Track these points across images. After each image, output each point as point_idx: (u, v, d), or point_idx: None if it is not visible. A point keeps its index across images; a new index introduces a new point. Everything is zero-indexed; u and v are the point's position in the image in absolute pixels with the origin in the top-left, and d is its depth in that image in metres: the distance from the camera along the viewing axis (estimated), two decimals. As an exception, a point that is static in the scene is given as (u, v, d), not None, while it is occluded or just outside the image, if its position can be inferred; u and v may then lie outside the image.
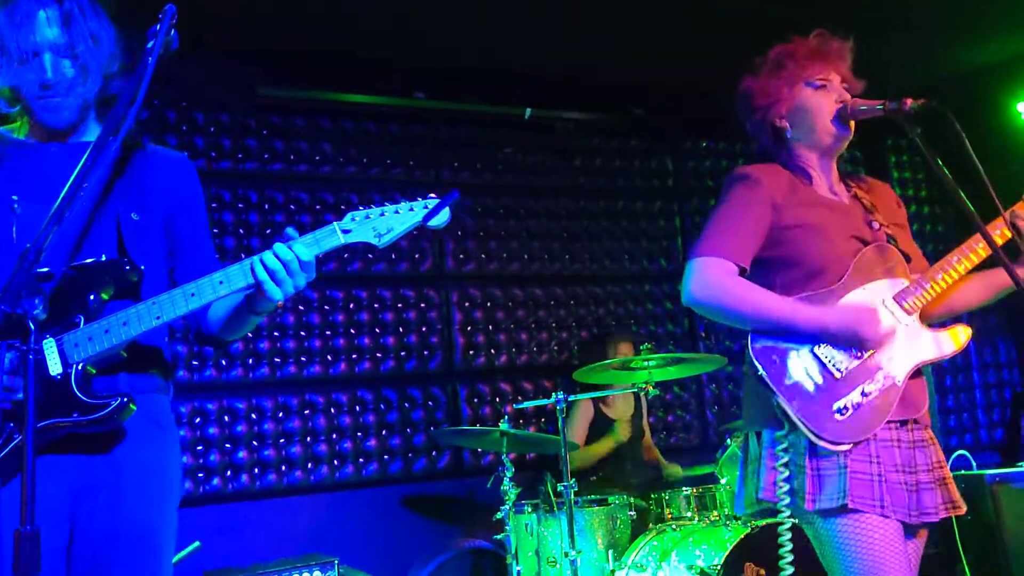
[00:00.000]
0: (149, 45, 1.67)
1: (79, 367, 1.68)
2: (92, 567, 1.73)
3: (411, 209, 1.77)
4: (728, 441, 3.98)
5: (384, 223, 1.76)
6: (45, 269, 1.71)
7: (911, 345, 2.17)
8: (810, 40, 2.35)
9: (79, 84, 1.81)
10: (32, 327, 1.30)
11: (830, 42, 2.35)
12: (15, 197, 1.78)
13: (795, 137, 2.33)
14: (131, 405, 1.69)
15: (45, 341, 1.67)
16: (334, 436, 4.55)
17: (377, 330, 4.73)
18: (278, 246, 1.72)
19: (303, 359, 4.55)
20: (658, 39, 4.65)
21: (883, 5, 4.51)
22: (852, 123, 2.30)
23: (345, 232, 1.76)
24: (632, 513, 3.87)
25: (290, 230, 1.76)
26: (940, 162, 2.11)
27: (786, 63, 2.33)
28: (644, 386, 3.69)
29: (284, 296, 1.73)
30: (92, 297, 1.70)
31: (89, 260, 1.73)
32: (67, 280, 1.71)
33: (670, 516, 3.89)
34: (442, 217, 1.77)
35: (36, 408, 1.53)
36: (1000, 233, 2.22)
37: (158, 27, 1.71)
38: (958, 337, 2.22)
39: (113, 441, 1.76)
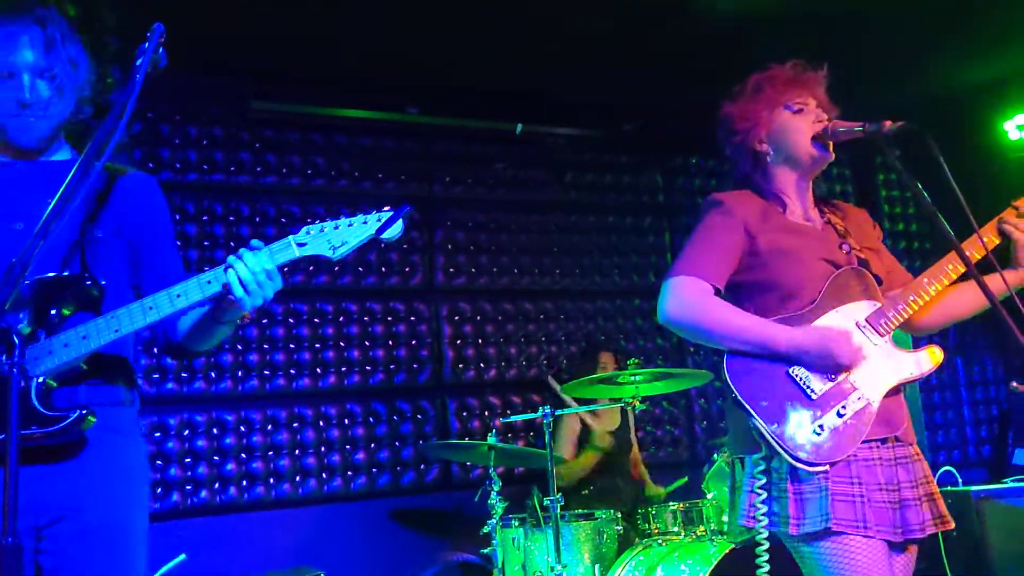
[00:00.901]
0: (138, 63, 1.71)
1: (39, 380, 1.69)
2: (59, 574, 1.75)
3: (364, 222, 1.79)
4: (715, 456, 3.99)
5: (338, 236, 1.79)
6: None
7: (885, 365, 2.20)
8: (787, 68, 2.40)
9: (54, 105, 1.86)
10: (16, 341, 1.32)
11: (806, 70, 2.40)
12: None
13: (775, 160, 2.38)
14: (90, 417, 1.71)
15: (2, 355, 1.66)
16: (322, 449, 4.56)
17: (367, 343, 4.75)
18: (244, 253, 1.76)
19: (292, 372, 4.56)
20: (648, 57, 4.69)
21: (870, 26, 4.57)
22: (831, 145, 2.35)
23: (300, 245, 1.80)
24: (619, 528, 3.88)
25: (255, 242, 1.79)
26: (918, 183, 2.15)
27: (764, 88, 2.38)
28: (631, 401, 3.71)
29: (254, 305, 1.76)
30: (53, 312, 1.72)
31: (51, 275, 1.75)
32: (29, 294, 1.72)
33: (656, 531, 3.90)
34: (395, 230, 1.80)
35: None
36: (975, 250, 2.25)
37: (146, 45, 1.75)
38: (930, 357, 2.24)
39: (75, 452, 1.77)
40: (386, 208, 1.81)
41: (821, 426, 2.11)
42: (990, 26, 4.84)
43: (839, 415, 2.12)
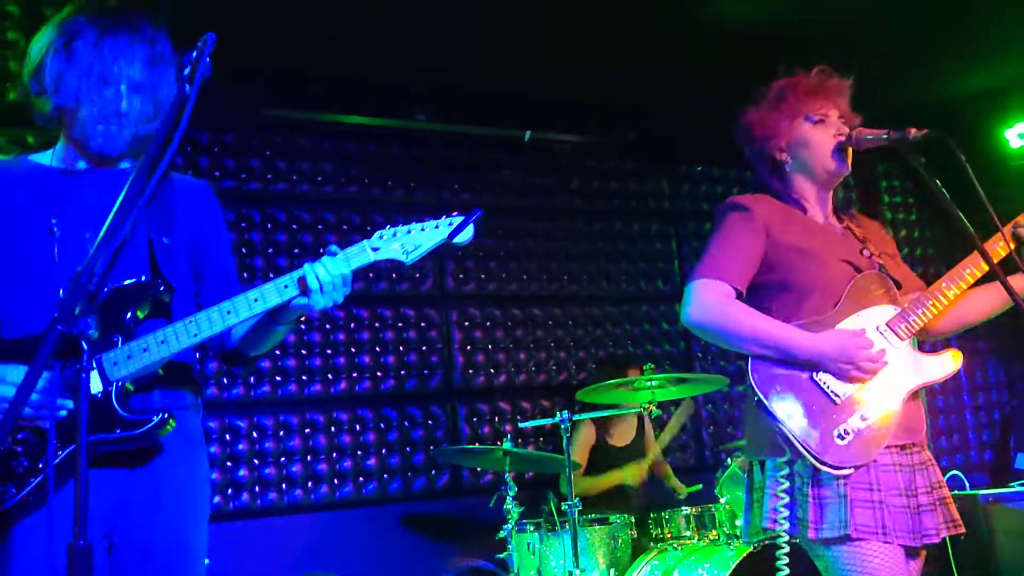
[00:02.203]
0: (186, 72, 1.72)
1: (119, 385, 1.72)
2: None
3: (436, 227, 1.84)
4: (728, 461, 4.02)
5: (411, 240, 1.83)
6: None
7: (906, 369, 2.23)
8: (811, 76, 2.41)
9: (145, 120, 1.89)
10: (86, 346, 1.34)
11: (830, 78, 2.42)
12: (54, 221, 1.84)
13: (793, 169, 2.40)
14: (171, 421, 1.74)
15: (74, 359, 1.69)
16: (334, 455, 4.56)
17: (377, 349, 4.76)
18: (326, 259, 1.80)
19: (304, 378, 4.57)
20: (655, 65, 4.73)
21: (872, 33, 4.62)
22: (849, 158, 2.37)
23: (375, 250, 1.83)
24: (632, 533, 3.90)
25: (333, 247, 1.83)
26: (943, 189, 2.18)
27: (787, 97, 2.40)
28: (647, 406, 3.73)
29: (324, 307, 1.80)
30: (128, 317, 1.75)
31: (127, 281, 1.79)
32: (106, 300, 1.76)
33: (669, 535, 3.91)
34: (467, 234, 1.83)
35: (75, 426, 1.48)
36: (997, 251, 2.28)
37: (194, 54, 1.76)
38: (951, 361, 2.28)
39: (149, 456, 1.81)
40: (457, 213, 1.85)
41: (846, 430, 2.13)
42: (991, 34, 4.89)
43: (863, 419, 2.15)
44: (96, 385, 1.71)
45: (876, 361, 2.16)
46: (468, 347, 4.98)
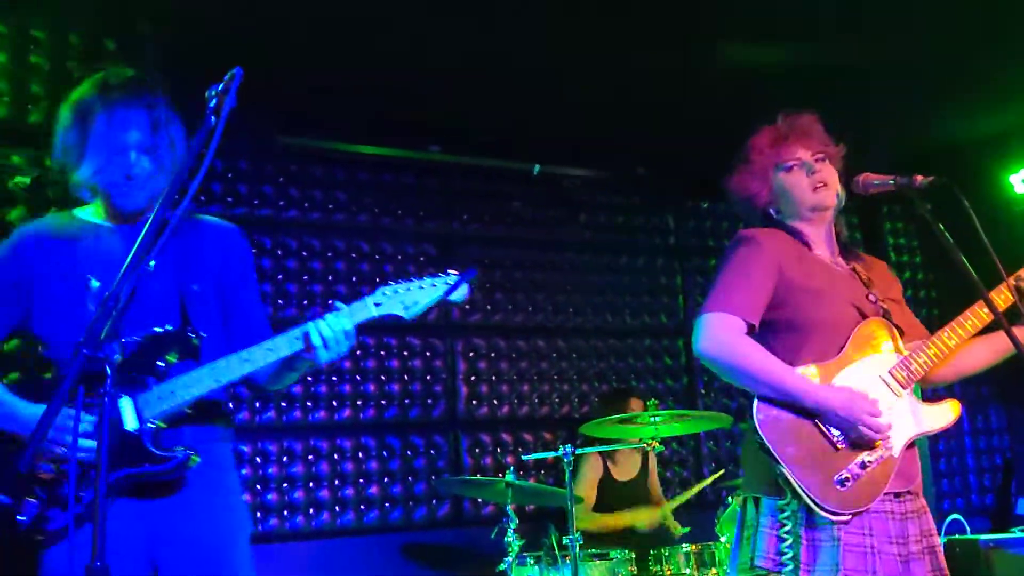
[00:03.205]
0: (212, 104, 1.78)
1: (150, 424, 1.90)
2: None
3: (434, 284, 2.02)
4: (729, 499, 4.02)
5: (411, 297, 2.01)
6: (123, 339, 1.87)
7: (908, 417, 2.26)
8: (776, 125, 2.48)
9: (154, 178, 2.09)
10: (109, 371, 1.38)
11: (796, 120, 2.47)
12: (90, 276, 2.04)
13: (784, 217, 2.46)
14: (194, 457, 1.92)
15: (122, 400, 1.90)
16: (336, 482, 4.57)
17: (382, 377, 4.78)
18: (329, 317, 1.96)
19: (308, 404, 4.59)
20: (664, 104, 4.81)
21: (875, 79, 4.69)
22: (833, 190, 2.41)
23: (377, 305, 2.00)
24: (633, 569, 3.89)
25: (338, 303, 2.00)
26: (948, 236, 2.21)
27: (755, 155, 2.47)
28: (650, 442, 3.74)
29: (329, 360, 1.96)
30: (161, 363, 1.94)
31: (159, 329, 1.98)
32: (140, 346, 1.95)
33: (669, 572, 3.90)
34: (461, 292, 2.01)
35: (112, 459, 1.78)
36: (1002, 299, 2.31)
37: (220, 87, 1.82)
38: (949, 411, 2.32)
39: (183, 487, 1.98)
40: (453, 272, 2.03)
41: (847, 476, 2.16)
42: (995, 81, 4.96)
43: (863, 466, 2.18)
44: (131, 423, 1.88)
45: (880, 430, 2.18)
46: (472, 377, 5.00)
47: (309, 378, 4.60)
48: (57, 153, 2.12)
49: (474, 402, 4.98)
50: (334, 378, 4.66)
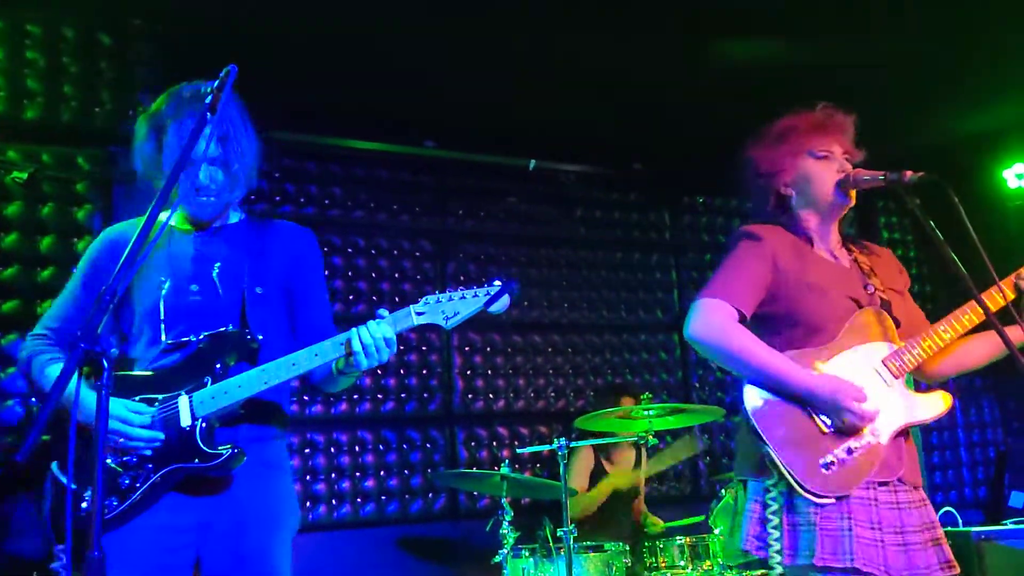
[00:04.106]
0: (207, 100, 1.81)
1: (203, 421, 1.98)
2: None
3: (475, 295, 2.04)
4: (722, 492, 4.04)
5: (452, 307, 2.04)
6: (186, 338, 2.06)
7: (897, 407, 2.28)
8: (815, 113, 2.48)
9: (226, 189, 2.18)
10: (106, 365, 1.40)
11: (834, 115, 2.48)
12: (163, 278, 2.14)
13: (798, 204, 2.46)
14: (241, 455, 1.99)
15: (180, 397, 2.00)
16: (333, 476, 4.60)
17: (378, 371, 4.80)
18: (371, 324, 2.01)
19: (305, 398, 4.61)
20: (659, 101, 4.83)
21: (869, 75, 4.71)
22: (853, 193, 2.44)
23: (419, 314, 2.04)
24: (627, 560, 3.91)
25: (382, 311, 2.06)
26: (938, 232, 2.24)
27: (792, 134, 2.46)
28: (644, 435, 3.76)
29: (370, 366, 2.01)
30: (219, 363, 2.03)
31: (220, 330, 2.07)
32: (200, 346, 2.04)
33: (664, 564, 3.92)
34: (502, 303, 2.03)
35: (166, 453, 1.94)
36: (994, 298, 2.34)
37: (216, 83, 1.85)
38: (940, 402, 2.33)
39: (232, 484, 2.05)
40: (496, 282, 2.05)
41: (832, 460, 2.18)
42: (988, 77, 4.99)
43: (849, 451, 2.20)
44: (186, 419, 1.98)
45: (865, 417, 2.20)
46: (468, 372, 5.02)
47: (305, 373, 4.61)
48: (137, 165, 2.22)
49: (470, 396, 5.00)
50: (330, 372, 4.68)
